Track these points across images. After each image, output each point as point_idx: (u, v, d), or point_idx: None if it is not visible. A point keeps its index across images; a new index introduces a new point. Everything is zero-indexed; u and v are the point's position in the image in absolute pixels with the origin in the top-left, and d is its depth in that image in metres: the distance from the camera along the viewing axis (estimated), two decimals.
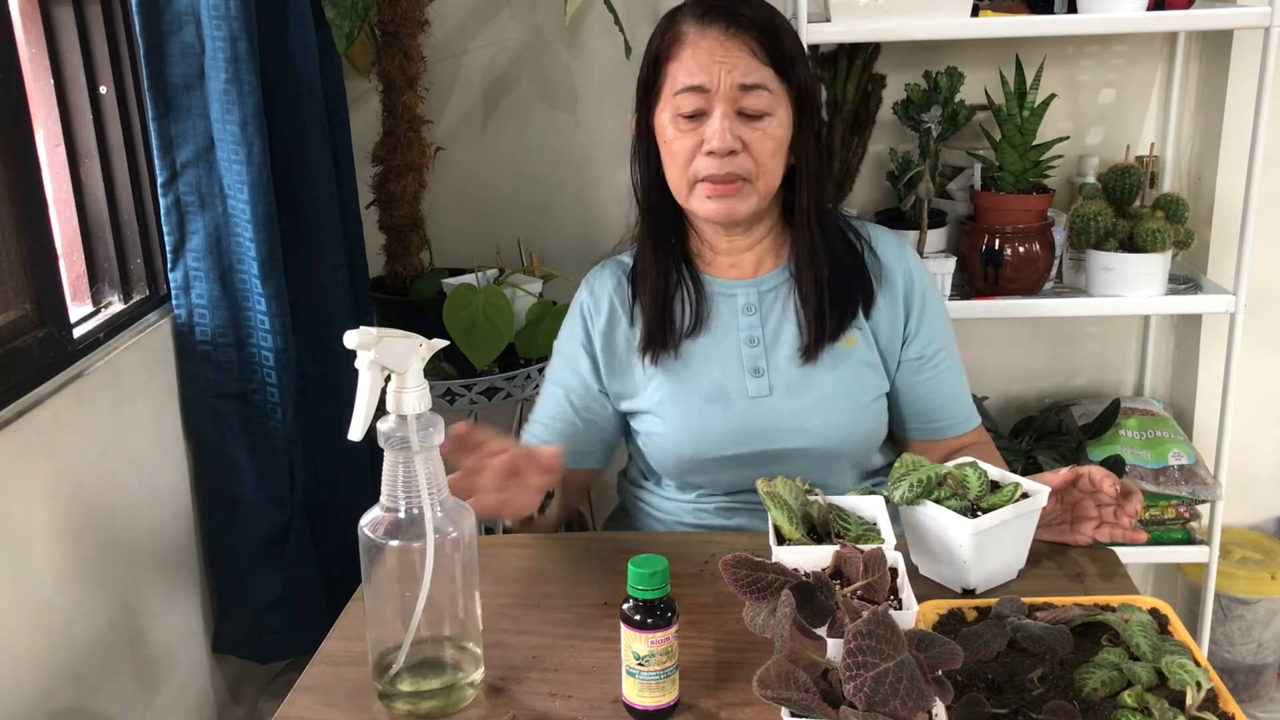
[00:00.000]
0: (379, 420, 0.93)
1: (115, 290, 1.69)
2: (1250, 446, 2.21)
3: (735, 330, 1.38)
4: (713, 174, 1.28)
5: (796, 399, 1.35)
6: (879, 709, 0.77)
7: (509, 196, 2.24)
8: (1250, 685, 2.21)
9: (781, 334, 1.37)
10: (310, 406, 1.81)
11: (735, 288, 1.39)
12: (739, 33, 1.27)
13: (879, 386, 1.39)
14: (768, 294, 1.39)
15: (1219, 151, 2.06)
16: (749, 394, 1.36)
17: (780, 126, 1.29)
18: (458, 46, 2.17)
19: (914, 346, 1.40)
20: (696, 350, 1.38)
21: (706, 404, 1.36)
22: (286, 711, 0.99)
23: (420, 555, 0.93)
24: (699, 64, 1.27)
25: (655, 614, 0.93)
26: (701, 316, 1.38)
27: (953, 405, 1.42)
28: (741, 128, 1.28)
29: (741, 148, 1.28)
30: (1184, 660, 0.90)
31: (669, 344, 1.37)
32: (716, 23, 1.27)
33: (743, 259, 1.40)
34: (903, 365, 1.40)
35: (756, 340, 1.37)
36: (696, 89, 1.27)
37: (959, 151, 2.10)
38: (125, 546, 1.56)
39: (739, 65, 1.26)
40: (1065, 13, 1.88)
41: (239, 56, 1.58)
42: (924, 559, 1.16)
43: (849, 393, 1.36)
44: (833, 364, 1.36)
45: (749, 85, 1.26)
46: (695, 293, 1.39)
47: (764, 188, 1.31)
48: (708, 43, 1.27)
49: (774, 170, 1.31)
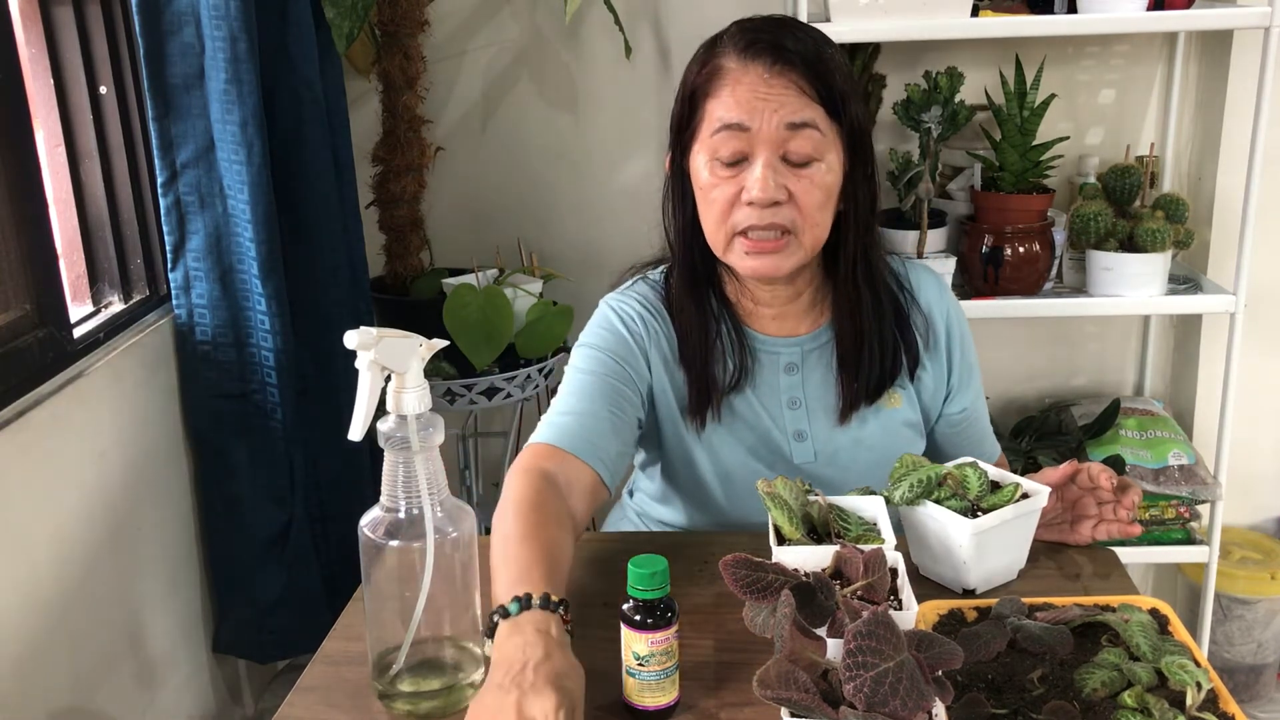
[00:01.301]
0: (379, 420, 0.93)
1: (115, 290, 1.69)
2: (1250, 446, 2.21)
3: (777, 391, 1.29)
4: (753, 224, 1.17)
5: (841, 469, 1.28)
6: (879, 709, 0.77)
7: (509, 196, 2.24)
8: (1250, 685, 2.21)
9: (823, 396, 1.29)
10: (310, 406, 1.81)
11: (779, 346, 1.29)
12: (786, 69, 1.15)
13: (918, 449, 1.32)
14: (810, 353, 1.30)
15: (1219, 151, 2.06)
16: (794, 459, 1.28)
17: (830, 173, 1.18)
18: (458, 46, 2.17)
19: (956, 401, 1.34)
20: (740, 406, 1.29)
21: (755, 461, 1.28)
22: (286, 711, 0.99)
23: (420, 555, 0.93)
24: (739, 101, 1.15)
25: (655, 614, 0.93)
26: (744, 371, 1.28)
27: (981, 446, 1.38)
28: (787, 176, 1.16)
29: (786, 198, 1.16)
30: (1184, 660, 0.90)
31: (712, 404, 1.27)
32: (761, 57, 1.15)
33: (786, 310, 1.29)
34: (943, 419, 1.35)
35: (798, 402, 1.29)
36: (737, 127, 1.15)
37: (959, 151, 2.10)
38: (125, 546, 1.56)
39: (786, 104, 1.14)
40: (1065, 13, 1.88)
41: (239, 56, 1.58)
42: (924, 559, 1.16)
43: (892, 462, 1.21)
44: (878, 429, 1.29)
45: (797, 124, 1.15)
46: (738, 346, 1.28)
47: (810, 242, 1.20)
48: (750, 79, 1.15)
49: (822, 222, 1.19)
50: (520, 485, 1.11)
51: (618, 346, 1.27)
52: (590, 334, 1.30)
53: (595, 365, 1.26)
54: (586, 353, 1.28)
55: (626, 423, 1.24)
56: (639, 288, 1.33)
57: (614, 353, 1.27)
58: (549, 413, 1.24)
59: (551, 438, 1.18)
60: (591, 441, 1.19)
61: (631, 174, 2.18)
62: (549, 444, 1.18)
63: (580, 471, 1.17)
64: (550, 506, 1.10)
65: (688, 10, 2.10)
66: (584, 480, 1.17)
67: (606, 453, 1.20)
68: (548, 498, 1.11)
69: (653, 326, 1.29)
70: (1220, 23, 1.85)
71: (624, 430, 1.23)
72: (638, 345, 1.28)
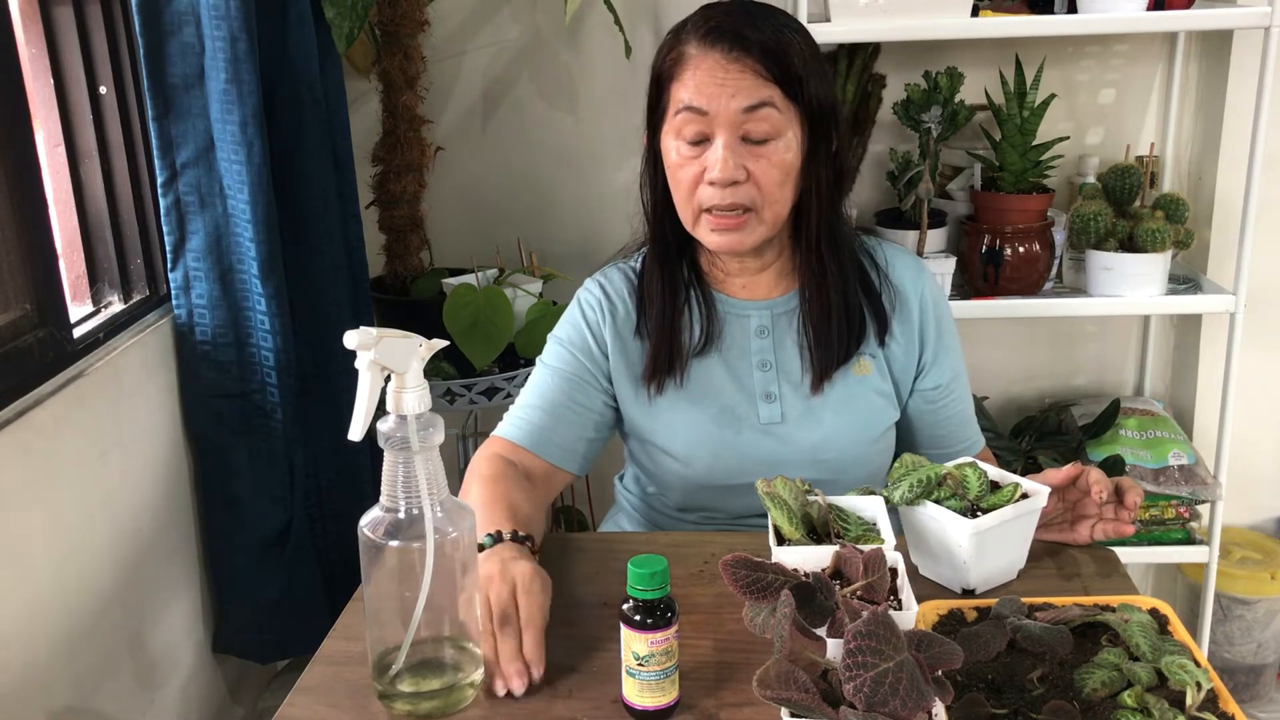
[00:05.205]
0: (379, 420, 0.93)
1: (115, 290, 1.69)
2: (1250, 446, 2.21)
3: (748, 353, 1.34)
4: (716, 204, 1.23)
5: (808, 429, 1.32)
6: (879, 709, 0.77)
7: (509, 196, 2.24)
8: (1250, 685, 2.21)
9: (794, 359, 1.33)
10: (310, 406, 1.81)
11: (749, 309, 1.35)
12: (743, 54, 1.20)
13: (890, 417, 1.36)
14: (781, 317, 1.35)
15: (1219, 151, 2.06)
16: (760, 420, 1.32)
17: (789, 151, 1.23)
18: (458, 46, 2.17)
19: (930, 377, 1.37)
20: (707, 370, 1.34)
21: (717, 429, 1.32)
22: (286, 711, 0.99)
23: (420, 555, 0.93)
24: (699, 86, 1.21)
25: (655, 614, 0.93)
26: (711, 335, 1.33)
27: (962, 432, 1.40)
28: (746, 155, 1.21)
29: (745, 177, 1.22)
30: (1184, 660, 0.90)
31: (675, 370, 1.32)
32: (720, 43, 1.20)
33: (756, 279, 1.35)
34: (916, 394, 1.37)
35: (769, 364, 1.33)
36: (697, 111, 1.21)
37: (959, 151, 2.10)
38: (125, 547, 1.56)
39: (742, 89, 1.20)
40: (1065, 13, 1.88)
41: (239, 56, 1.58)
42: (924, 559, 1.16)
43: (862, 425, 1.33)
44: (845, 394, 1.33)
45: (753, 106, 1.20)
46: (706, 310, 1.34)
47: (771, 217, 1.25)
48: (709, 64, 1.21)
49: (782, 199, 1.25)
50: (482, 465, 1.27)
51: (577, 338, 1.37)
52: (558, 327, 1.41)
53: (555, 360, 1.37)
54: (551, 347, 1.39)
55: (587, 411, 1.35)
56: (609, 271, 1.41)
57: (574, 344, 1.37)
58: (513, 406, 1.37)
59: (508, 433, 1.33)
60: (545, 437, 1.32)
61: (631, 174, 2.15)
62: (506, 439, 1.32)
63: (534, 463, 1.31)
64: (511, 477, 1.25)
65: (687, 10, 2.09)
66: (538, 470, 1.31)
67: (561, 443, 1.33)
68: (508, 473, 1.25)
69: (607, 310, 1.37)
70: (1220, 23, 1.85)
71: (583, 420, 1.35)
72: (594, 334, 1.36)
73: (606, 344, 1.36)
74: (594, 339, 1.36)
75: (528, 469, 1.30)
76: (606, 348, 1.36)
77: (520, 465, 1.29)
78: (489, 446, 1.31)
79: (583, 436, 1.35)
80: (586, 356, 1.36)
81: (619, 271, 1.40)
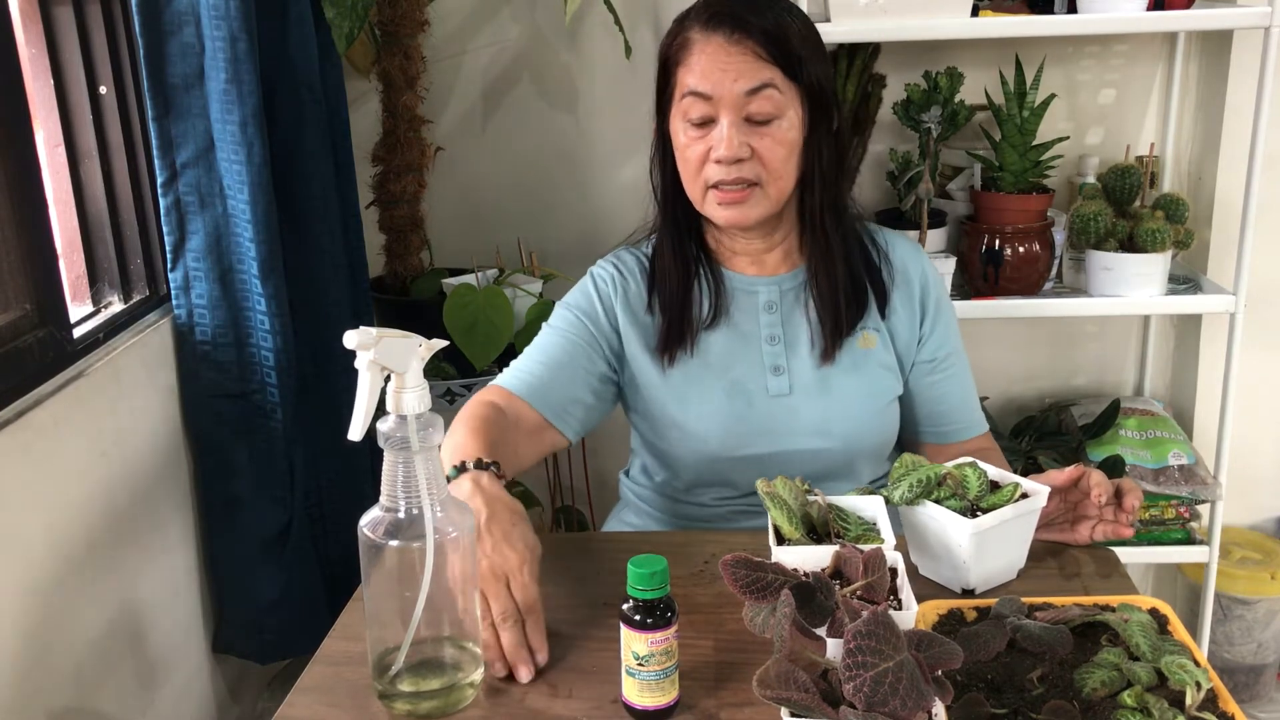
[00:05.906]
0: (379, 420, 0.93)
1: (115, 290, 1.69)
2: (1250, 446, 2.21)
3: (756, 327, 1.38)
4: (722, 180, 1.28)
5: (817, 400, 1.36)
6: (879, 709, 0.77)
7: (509, 196, 2.24)
8: (1250, 685, 2.21)
9: (801, 333, 1.38)
10: (310, 406, 1.81)
11: (757, 284, 1.40)
12: (743, 38, 1.25)
13: (894, 389, 1.40)
14: (788, 293, 1.39)
15: (1219, 151, 2.06)
16: (769, 392, 1.36)
17: (791, 129, 1.28)
18: (458, 46, 2.17)
19: (928, 348, 1.41)
20: (716, 344, 1.38)
21: (728, 400, 1.35)
22: (286, 711, 0.99)
23: (420, 555, 0.93)
24: (703, 70, 1.26)
25: (655, 614, 0.93)
26: (720, 309, 1.38)
27: (962, 410, 1.43)
28: (750, 134, 1.27)
29: (750, 154, 1.27)
30: (1184, 660, 0.90)
31: (686, 341, 1.37)
32: (721, 28, 1.26)
33: (763, 257, 1.40)
34: (916, 366, 1.41)
35: (777, 338, 1.38)
36: (701, 95, 1.26)
37: (959, 151, 2.10)
38: (125, 546, 1.56)
39: (745, 72, 1.25)
40: (1065, 13, 1.88)
41: (239, 56, 1.58)
42: (924, 559, 1.16)
43: (869, 395, 1.37)
44: (852, 365, 1.37)
45: (755, 88, 1.25)
46: (714, 285, 1.39)
47: (776, 192, 1.30)
48: (712, 49, 1.26)
49: (786, 174, 1.30)
50: (470, 409, 1.28)
51: (586, 305, 1.41)
52: (569, 295, 1.44)
53: (560, 322, 1.41)
54: (559, 312, 1.43)
55: (586, 374, 1.38)
56: (620, 253, 1.46)
57: (583, 310, 1.40)
58: (514, 362, 1.39)
59: (504, 382, 1.35)
60: (541, 390, 1.34)
61: (631, 174, 2.18)
62: (501, 387, 1.35)
63: (527, 413, 1.32)
64: (496, 421, 1.26)
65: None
66: (530, 420, 1.32)
67: (557, 400, 1.35)
68: (494, 418, 1.26)
69: (620, 285, 1.41)
70: (1220, 23, 1.85)
71: (581, 381, 1.37)
72: (604, 304, 1.40)
73: (617, 316, 1.40)
74: (604, 309, 1.40)
75: (518, 416, 1.32)
76: (617, 320, 1.40)
77: (511, 413, 1.31)
78: (483, 395, 1.33)
79: (579, 399, 1.37)
80: (593, 323, 1.39)
81: (630, 253, 1.45)
